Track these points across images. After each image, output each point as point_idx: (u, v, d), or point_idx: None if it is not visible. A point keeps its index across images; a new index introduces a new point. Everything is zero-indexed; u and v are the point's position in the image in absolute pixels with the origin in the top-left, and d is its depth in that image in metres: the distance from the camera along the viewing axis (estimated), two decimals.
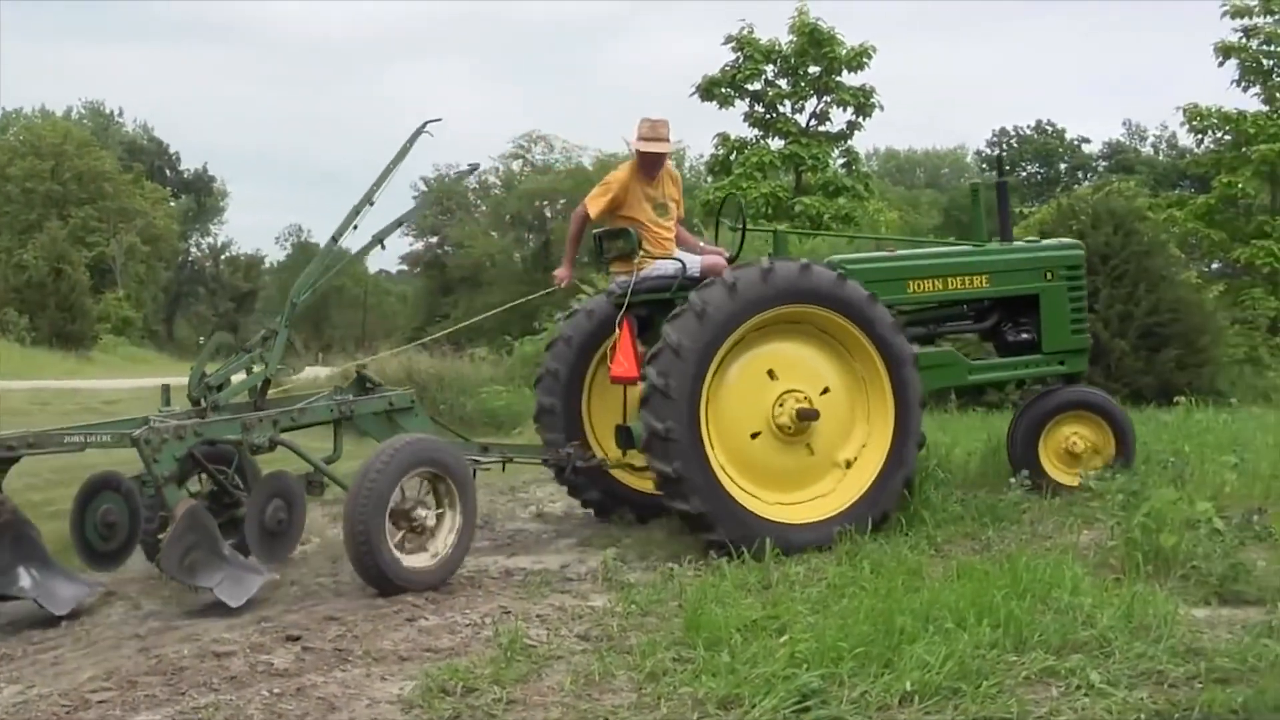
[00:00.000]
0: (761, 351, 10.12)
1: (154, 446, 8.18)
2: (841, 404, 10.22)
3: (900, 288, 11.31)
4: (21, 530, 8.49)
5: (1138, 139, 78.23)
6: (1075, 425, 11.72)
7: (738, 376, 10.01)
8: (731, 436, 9.92)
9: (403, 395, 10.27)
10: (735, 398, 9.97)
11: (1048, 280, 11.86)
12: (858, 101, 35.13)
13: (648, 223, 10.79)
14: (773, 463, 10.02)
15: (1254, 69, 34.65)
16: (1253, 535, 8.90)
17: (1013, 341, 11.98)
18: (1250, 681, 5.84)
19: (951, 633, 6.41)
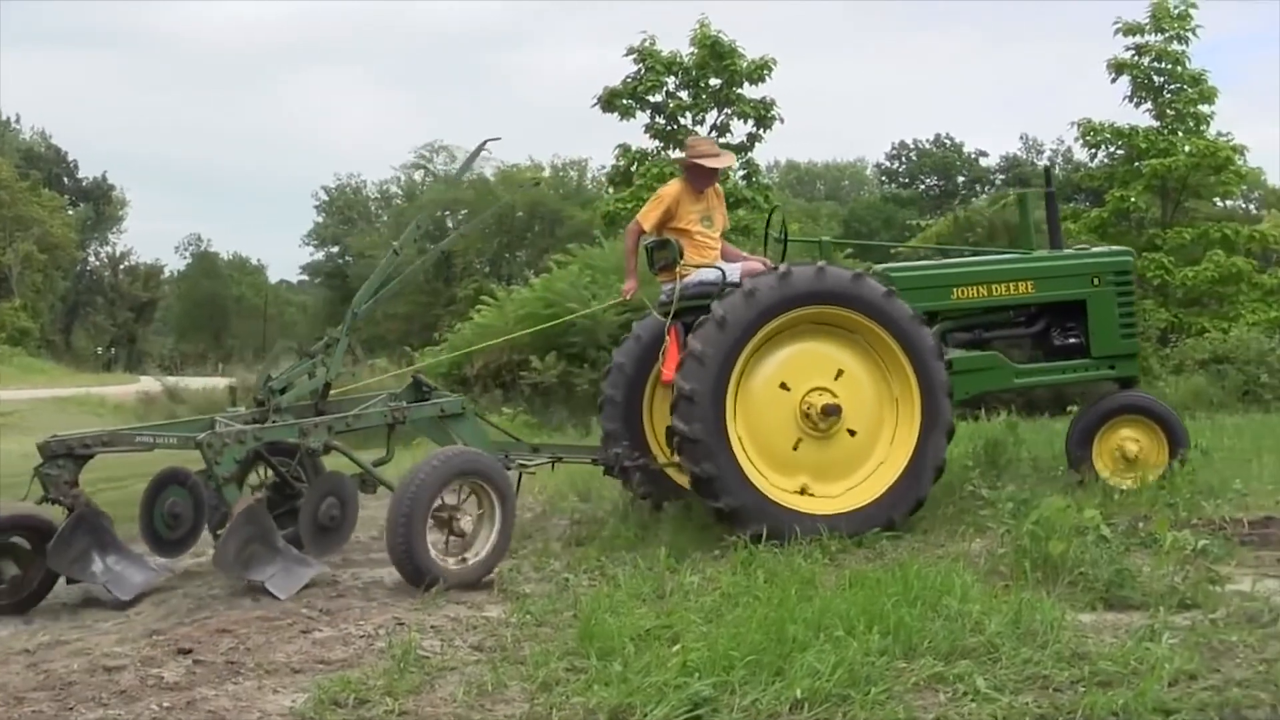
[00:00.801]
0: (788, 351, 10.63)
1: (215, 449, 8.82)
2: (869, 398, 10.69)
3: (945, 294, 11.81)
4: (94, 520, 9.12)
5: (1034, 153, 79.28)
6: (1130, 429, 11.90)
7: (766, 377, 10.54)
8: (762, 435, 10.45)
9: (454, 401, 10.79)
10: (764, 397, 10.50)
11: (1095, 286, 12.12)
12: (758, 114, 35.22)
13: (695, 233, 11.28)
14: (804, 457, 10.50)
15: (1145, 85, 35.10)
16: (1138, 542, 9.03)
17: (1060, 346, 12.25)
18: (1131, 684, 5.94)
19: (842, 640, 6.47)
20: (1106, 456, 11.83)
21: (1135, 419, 11.92)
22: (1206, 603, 7.54)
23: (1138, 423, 11.90)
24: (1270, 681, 6.02)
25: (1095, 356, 12.08)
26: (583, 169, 75.35)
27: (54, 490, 9.07)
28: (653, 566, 9.03)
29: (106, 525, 9.23)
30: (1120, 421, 11.88)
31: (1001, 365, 11.94)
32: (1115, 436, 11.86)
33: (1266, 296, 33.14)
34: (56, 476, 9.07)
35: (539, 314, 24.05)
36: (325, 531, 9.66)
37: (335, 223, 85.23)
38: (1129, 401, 12.05)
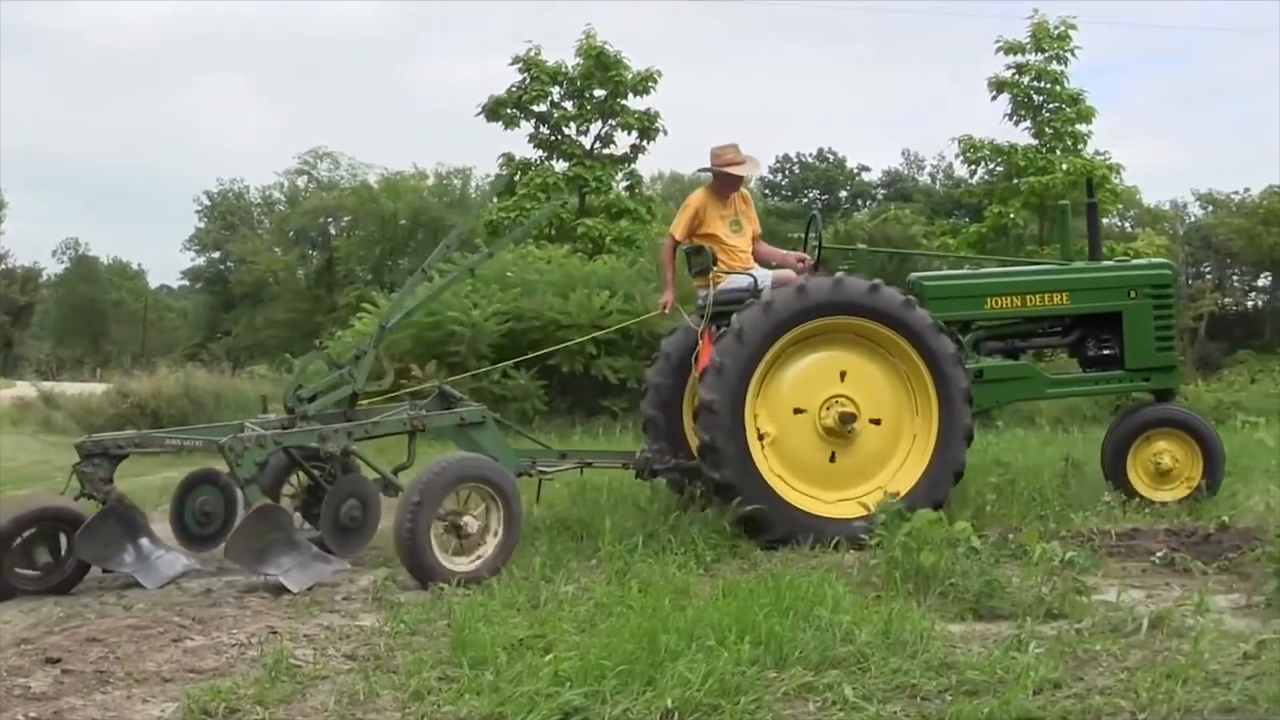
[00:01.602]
0: (808, 360, 10.95)
1: (237, 453, 9.33)
2: (888, 404, 10.96)
3: (979, 304, 12.15)
4: (127, 514, 9.67)
5: (916, 168, 79.95)
6: (1165, 442, 12.10)
7: (785, 385, 10.87)
8: (782, 441, 10.79)
9: (474, 410, 11.01)
10: (783, 405, 10.84)
11: (1131, 298, 12.33)
12: (642, 125, 35.35)
13: (723, 239, 11.62)
14: (822, 462, 10.85)
15: (1025, 104, 35.63)
16: (1008, 553, 9.13)
17: (1094, 357, 12.48)
18: (997, 693, 6.04)
19: (714, 650, 6.50)
20: (1141, 469, 12.11)
21: (1171, 432, 12.14)
22: (1073, 613, 7.68)
23: (1173, 436, 12.12)
24: (1131, 690, 6.14)
25: (1130, 369, 12.30)
26: (467, 177, 75.05)
27: (89, 486, 9.59)
28: (528, 576, 9.03)
29: (139, 519, 9.77)
30: (1156, 435, 12.11)
31: (1034, 375, 12.31)
32: (1150, 449, 12.11)
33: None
34: (92, 474, 9.58)
35: (420, 322, 23.98)
36: (346, 531, 10.15)
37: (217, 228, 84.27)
38: (1165, 415, 12.28)
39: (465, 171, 74.97)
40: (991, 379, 11.76)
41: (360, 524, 10.25)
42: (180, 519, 10.59)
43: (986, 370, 11.81)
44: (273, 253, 72.76)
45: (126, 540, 9.61)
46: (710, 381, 10.62)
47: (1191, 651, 6.69)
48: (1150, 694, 6.04)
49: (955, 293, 12.14)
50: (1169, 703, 5.94)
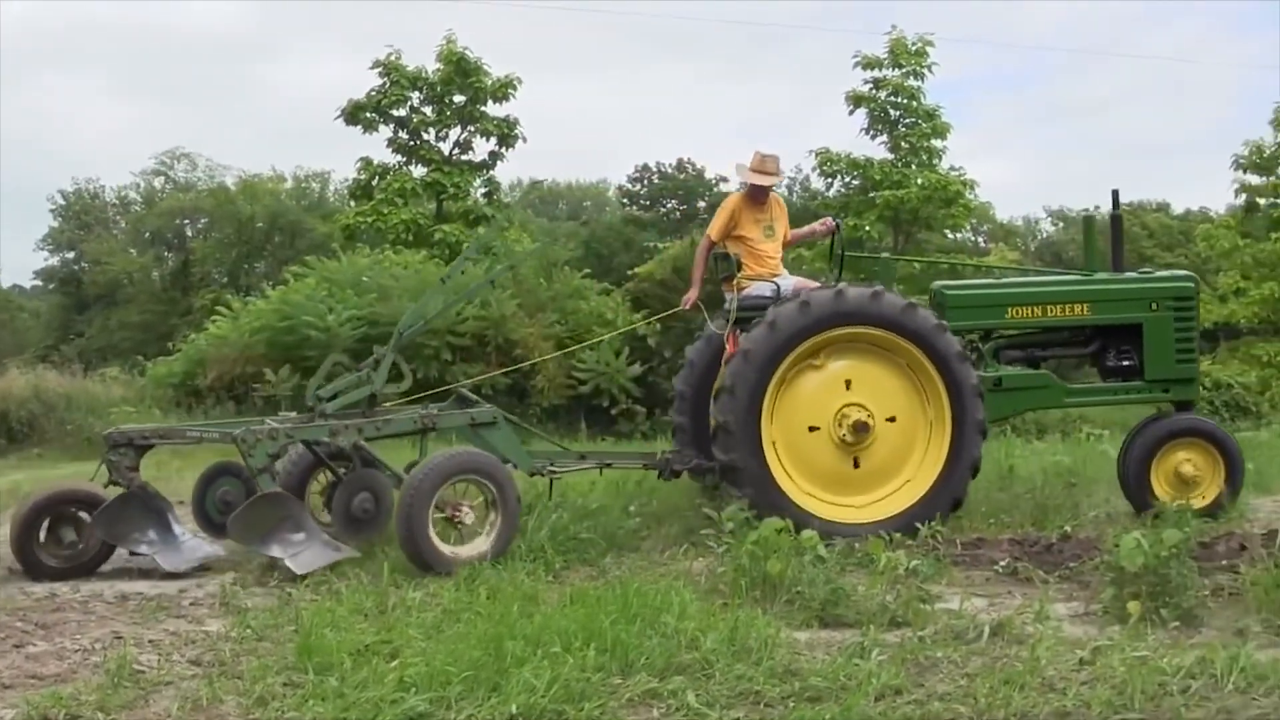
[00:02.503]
0: (831, 367, 11.24)
1: (249, 444, 9.97)
2: (900, 407, 11.27)
3: (1000, 313, 12.36)
4: (147, 499, 10.26)
5: None
6: (1187, 451, 12.21)
7: (806, 388, 11.19)
8: (796, 442, 11.13)
9: (484, 411, 11.47)
10: (802, 408, 11.15)
11: (1152, 310, 12.46)
12: (501, 132, 35.31)
13: (755, 243, 11.99)
14: (841, 470, 11.20)
15: (882, 118, 35.99)
16: (855, 562, 9.32)
17: (1114, 368, 12.63)
18: (840, 699, 6.11)
19: (559, 657, 6.52)
20: (1163, 479, 12.21)
21: (1192, 441, 12.27)
22: (916, 620, 7.79)
23: (1194, 445, 12.25)
24: (970, 695, 6.24)
25: (1150, 380, 12.45)
26: (325, 181, 74.32)
27: (115, 474, 10.25)
28: (376, 581, 8.98)
29: (162, 505, 10.36)
30: (1177, 444, 12.25)
31: (1053, 385, 12.48)
32: (1172, 459, 12.21)
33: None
34: (118, 462, 10.25)
35: (275, 326, 23.82)
36: (358, 522, 10.72)
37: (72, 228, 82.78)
38: (1188, 424, 12.41)
39: (324, 175, 74.27)
40: (1010, 388, 12.00)
41: (372, 515, 10.75)
42: (202, 508, 11.32)
43: (1005, 379, 12.04)
44: (128, 254, 71.68)
45: (146, 523, 10.21)
46: (724, 403, 10.94)
47: (1030, 658, 6.82)
48: (989, 699, 6.15)
49: (977, 302, 12.39)
50: (1006, 708, 6.06)
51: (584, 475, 12.64)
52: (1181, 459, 12.17)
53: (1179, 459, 12.18)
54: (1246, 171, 40.41)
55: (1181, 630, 7.64)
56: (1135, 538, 8.04)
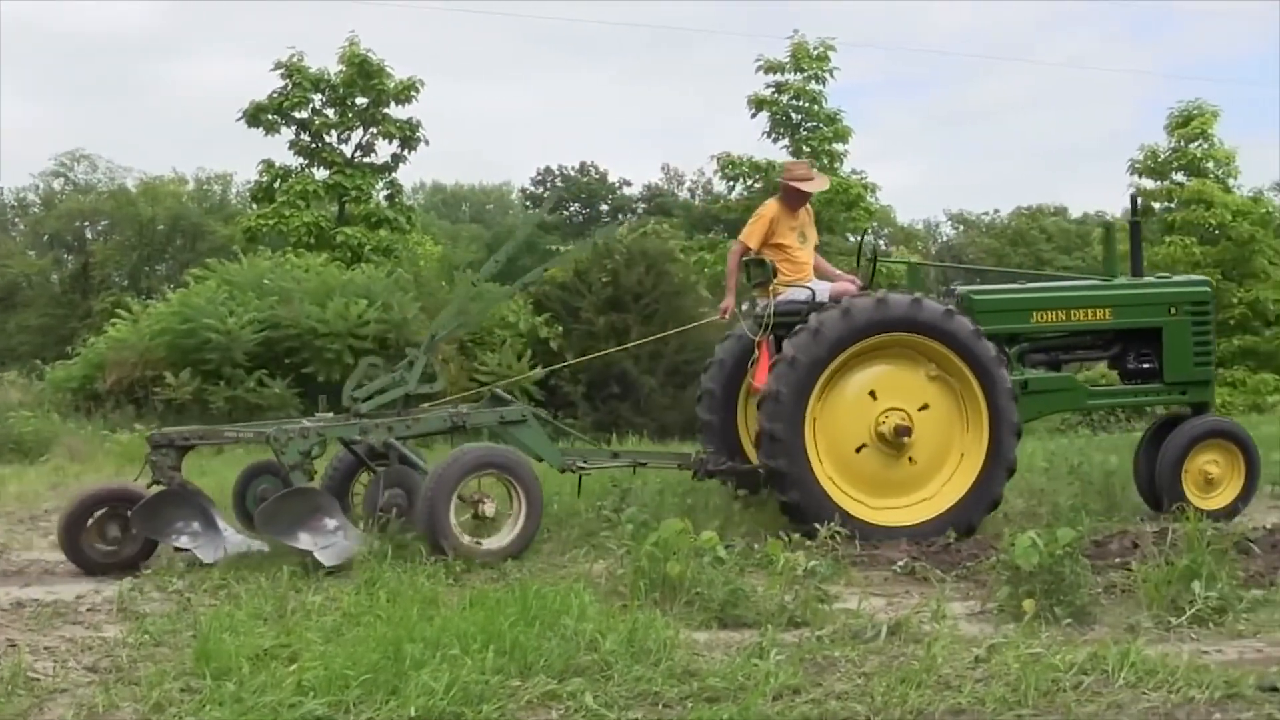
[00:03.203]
0: (870, 372, 11.51)
1: (281, 442, 10.44)
2: (941, 415, 11.52)
3: (1025, 318, 12.60)
4: (185, 495, 10.59)
5: (675, 183, 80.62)
6: (1211, 453, 12.56)
7: (848, 393, 11.44)
8: (838, 446, 11.36)
9: (514, 410, 11.77)
10: (843, 412, 11.40)
11: (1171, 315, 12.80)
12: (404, 134, 35.16)
13: (791, 250, 12.20)
14: (878, 471, 11.43)
15: (783, 122, 36.22)
16: (754, 563, 9.37)
17: (1134, 370, 12.96)
18: (737, 699, 6.14)
19: (458, 659, 6.51)
20: (1191, 481, 12.51)
21: (1216, 443, 12.62)
22: (815, 620, 7.87)
23: (1218, 446, 12.62)
24: (867, 694, 6.30)
25: (1168, 382, 12.79)
26: (227, 183, 73.72)
27: (157, 473, 10.54)
28: (276, 585, 8.93)
29: (201, 501, 10.64)
30: (1205, 446, 12.58)
31: (1077, 387, 12.88)
32: (1199, 460, 12.54)
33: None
34: (160, 462, 10.55)
35: (175, 329, 23.64)
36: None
37: None
38: (1215, 426, 12.82)
39: (225, 177, 73.65)
40: (1035, 390, 12.19)
41: (404, 511, 10.90)
42: (242, 504, 11.72)
43: (1031, 382, 12.22)
44: (26, 256, 70.79)
45: (185, 518, 10.42)
46: (770, 409, 11.10)
47: (926, 656, 6.89)
48: (885, 698, 6.21)
49: (1003, 306, 12.57)
50: (902, 706, 6.12)
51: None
52: (1207, 460, 12.55)
53: (1205, 460, 12.55)
54: (1142, 176, 41.09)
55: (1075, 627, 7.80)
56: (1030, 537, 8.17)
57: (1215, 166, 40.39)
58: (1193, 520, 8.92)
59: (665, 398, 24.37)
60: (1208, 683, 6.45)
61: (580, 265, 26.82)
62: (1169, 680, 6.51)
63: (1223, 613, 8.02)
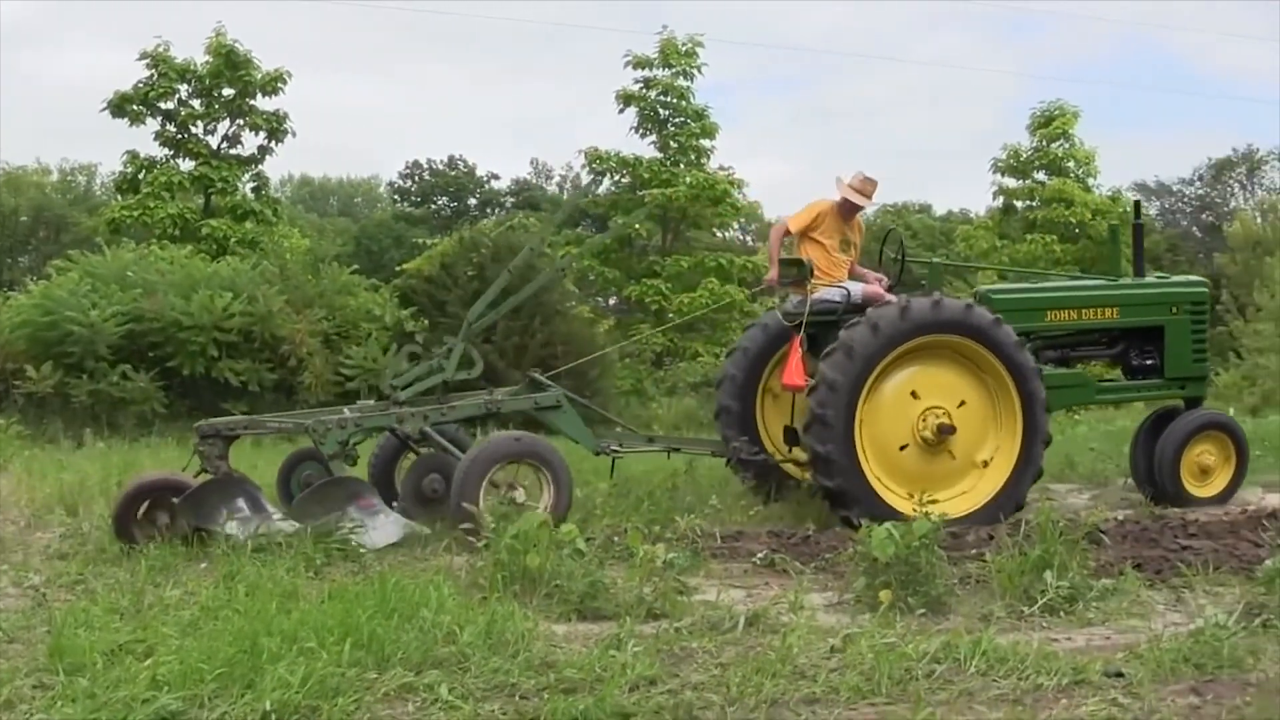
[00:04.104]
0: (908, 374, 11.92)
1: (320, 433, 11.10)
2: (976, 416, 12.00)
3: (1040, 316, 13.16)
4: (231, 483, 10.93)
5: (544, 178, 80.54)
6: (1206, 444, 13.32)
7: (888, 397, 11.84)
8: (883, 448, 11.78)
9: (548, 395, 12.16)
10: (886, 415, 11.81)
11: (1173, 314, 13.56)
12: (271, 126, 34.83)
13: (830, 251, 12.63)
14: (919, 468, 11.86)
15: (651, 118, 36.31)
16: (614, 555, 9.44)
17: (1137, 366, 13.65)
18: (594, 690, 6.18)
19: (315, 652, 6.50)
20: (1188, 471, 13.26)
21: (1211, 434, 13.38)
22: (673, 612, 7.93)
23: (1212, 438, 13.38)
24: (723, 684, 6.38)
25: (1168, 378, 13.55)
26: (91, 174, 72.65)
27: (206, 463, 11.01)
28: (135, 580, 8.85)
29: (248, 488, 10.96)
30: (1201, 437, 13.32)
31: (1087, 383, 13.62)
32: (1195, 451, 13.25)
33: None
34: (209, 452, 10.99)
35: (36, 321, 23.27)
36: (427, 501, 11.59)
37: None
38: (1210, 419, 13.61)
39: (90, 168, 72.61)
40: (1050, 386, 12.42)
41: (441, 495, 11.45)
42: (287, 489, 12.15)
43: (1047, 378, 12.49)
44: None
45: (234, 504, 10.71)
46: (823, 396, 11.47)
47: (782, 647, 6.97)
48: (740, 688, 6.29)
49: (1020, 305, 13.00)
50: (757, 695, 6.20)
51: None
52: (1202, 450, 13.27)
53: (1200, 451, 13.26)
54: (1004, 175, 41.81)
55: (929, 617, 7.93)
56: (886, 529, 8.29)
57: (1075, 166, 41.17)
58: (1045, 512, 9.10)
59: None
60: (1056, 669, 6.61)
61: (447, 258, 26.74)
62: (1019, 668, 6.66)
63: (1073, 602, 8.22)
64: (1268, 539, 10.39)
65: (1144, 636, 7.47)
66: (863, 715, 6.07)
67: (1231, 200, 78.40)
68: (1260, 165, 78.53)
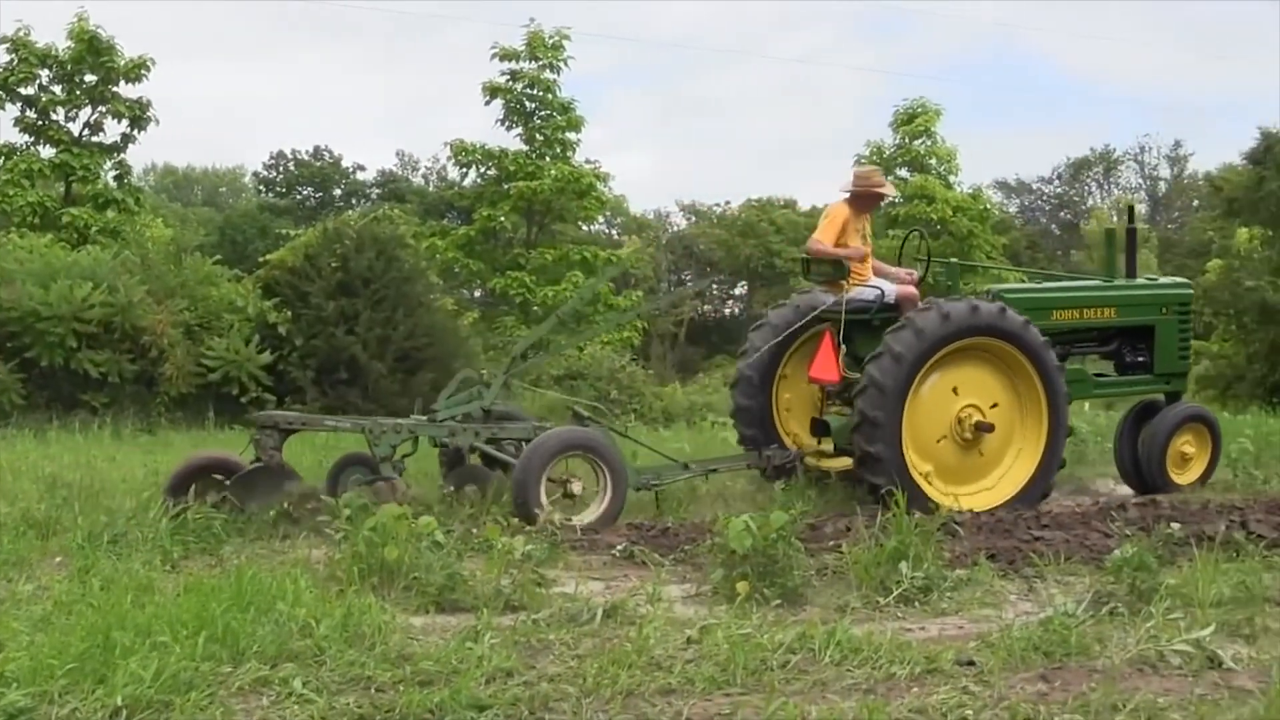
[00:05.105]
0: (943, 372, 12.44)
1: (375, 435, 11.61)
2: (1005, 411, 12.66)
3: (1047, 315, 13.64)
4: (278, 470, 11.35)
5: (410, 169, 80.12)
6: (1187, 435, 14.19)
7: (926, 395, 12.37)
8: (921, 436, 12.36)
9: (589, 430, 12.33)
10: (925, 412, 12.37)
11: (1163, 314, 14.40)
12: (133, 114, 34.38)
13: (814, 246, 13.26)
14: (952, 460, 12.55)
15: (517, 110, 36.35)
16: (473, 547, 9.43)
17: (1130, 363, 14.47)
18: (450, 682, 6.20)
19: (168, 647, 6.44)
20: (1170, 460, 14.06)
21: (1192, 426, 14.28)
22: (531, 604, 7.96)
23: (1193, 429, 14.26)
24: (580, 675, 6.42)
25: (1157, 374, 14.39)
26: None
27: (260, 450, 11.41)
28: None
29: (290, 474, 11.45)
30: (1182, 429, 14.17)
31: (1086, 378, 14.23)
32: (1177, 442, 14.10)
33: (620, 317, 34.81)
34: (264, 441, 11.40)
35: None
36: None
37: None
38: (1192, 412, 14.60)
39: None
40: None
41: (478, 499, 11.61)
42: (334, 489, 11.71)
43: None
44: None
45: (278, 491, 11.08)
46: (887, 367, 12.00)
47: (639, 638, 7.03)
48: (596, 679, 6.34)
49: (1029, 305, 13.37)
50: (613, 686, 6.25)
51: None
52: (1184, 441, 14.14)
53: (1182, 441, 14.12)
54: None
55: (786, 608, 8.04)
56: (744, 520, 8.35)
57: (937, 163, 41.67)
58: (900, 503, 9.28)
59: (394, 383, 24.31)
60: (909, 659, 6.72)
61: (311, 249, 26.54)
62: (873, 657, 6.77)
63: (928, 592, 8.37)
64: (1117, 529, 10.68)
65: (996, 625, 7.61)
66: (717, 706, 6.11)
67: (1089, 199, 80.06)
68: (1116, 165, 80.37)
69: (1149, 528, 10.45)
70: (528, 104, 36.20)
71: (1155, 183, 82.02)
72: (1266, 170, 35.12)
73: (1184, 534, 9.84)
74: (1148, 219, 71.60)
